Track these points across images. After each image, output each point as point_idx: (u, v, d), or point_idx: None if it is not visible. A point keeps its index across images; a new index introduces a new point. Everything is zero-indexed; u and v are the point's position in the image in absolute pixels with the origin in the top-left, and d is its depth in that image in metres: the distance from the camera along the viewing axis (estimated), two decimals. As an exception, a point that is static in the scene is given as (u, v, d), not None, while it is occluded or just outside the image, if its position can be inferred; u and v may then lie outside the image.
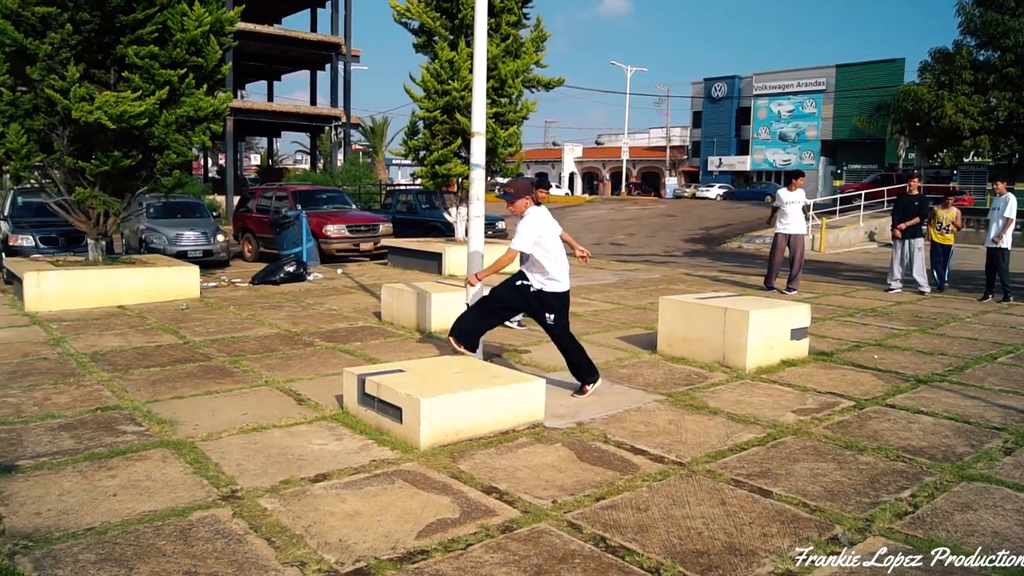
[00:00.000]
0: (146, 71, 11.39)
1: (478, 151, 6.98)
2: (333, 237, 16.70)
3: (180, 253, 15.32)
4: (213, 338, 9.10)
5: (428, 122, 15.05)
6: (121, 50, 11.42)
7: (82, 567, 3.78)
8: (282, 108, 38.32)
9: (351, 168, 34.90)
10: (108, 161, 11.45)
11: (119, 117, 10.90)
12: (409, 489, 4.72)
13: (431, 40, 15.61)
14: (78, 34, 11.11)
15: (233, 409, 6.32)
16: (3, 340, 9.12)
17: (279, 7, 41.36)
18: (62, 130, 11.59)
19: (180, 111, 11.72)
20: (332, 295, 12.48)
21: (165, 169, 12.15)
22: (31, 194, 15.36)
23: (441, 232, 17.83)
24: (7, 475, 4.95)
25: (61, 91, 11.01)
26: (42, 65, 11.12)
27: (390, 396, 5.59)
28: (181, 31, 11.62)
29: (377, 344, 8.76)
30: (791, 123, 59.58)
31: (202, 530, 4.17)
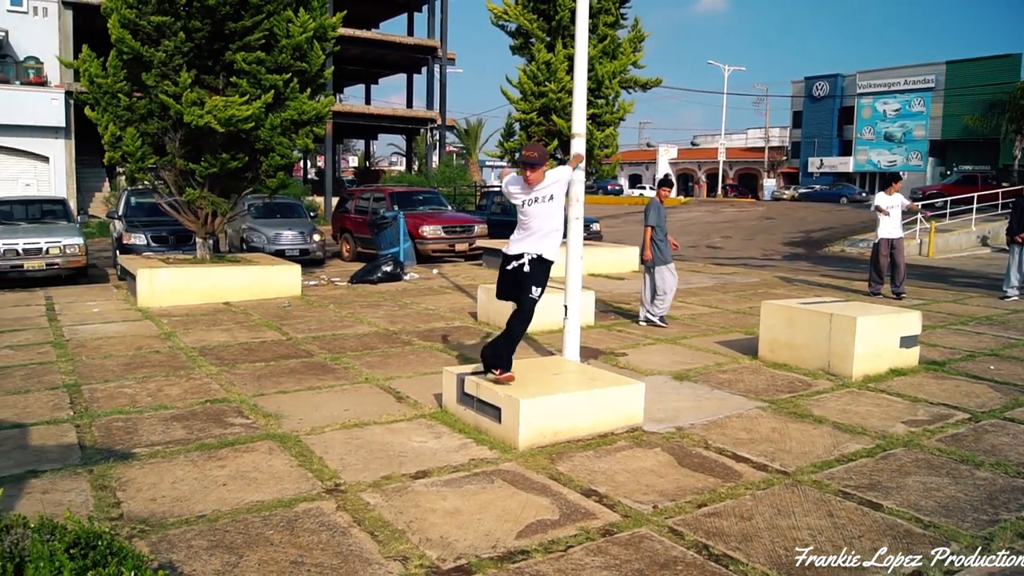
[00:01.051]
0: (253, 76, 11.77)
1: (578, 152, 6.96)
2: (429, 238, 16.93)
3: (278, 252, 15.80)
4: (315, 335, 9.34)
5: (524, 124, 15.10)
6: (230, 56, 11.84)
7: (195, 552, 3.93)
8: (379, 111, 39.12)
9: (446, 170, 35.35)
10: (216, 163, 11.89)
11: (227, 121, 11.30)
12: (508, 489, 4.74)
13: (528, 42, 15.65)
14: (190, 41, 11.58)
15: (335, 405, 6.47)
16: (118, 333, 9.57)
17: (377, 12, 42.19)
18: (174, 133, 12.09)
19: (285, 115, 12.08)
20: (428, 295, 12.66)
21: (270, 171, 12.54)
22: (143, 195, 16.08)
23: (535, 233, 17.86)
24: (124, 462, 5.19)
25: (174, 96, 11.49)
26: (156, 72, 11.63)
27: (489, 396, 5.63)
28: (286, 37, 11.97)
29: (473, 344, 8.83)
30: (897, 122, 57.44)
31: (308, 521, 4.29)
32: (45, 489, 4.71)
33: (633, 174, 77.97)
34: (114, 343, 8.98)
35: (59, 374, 7.56)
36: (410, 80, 43.97)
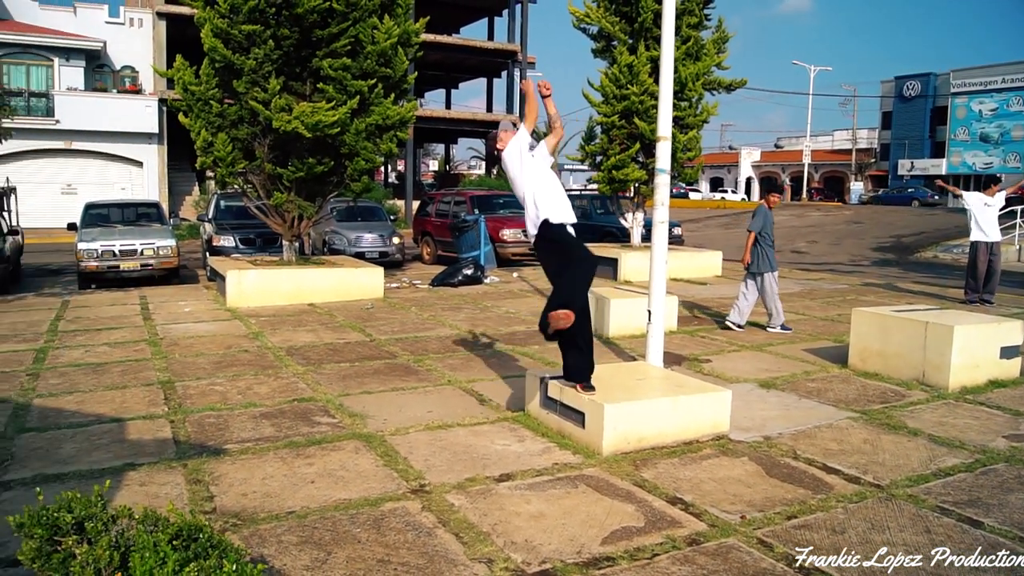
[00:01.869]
0: (339, 82, 12.00)
1: (664, 156, 6.87)
2: (509, 241, 16.98)
3: (358, 254, 16.07)
4: (397, 337, 9.46)
5: (606, 127, 15.03)
6: (317, 63, 12.10)
7: (285, 548, 4.00)
8: (459, 115, 39.46)
9: (525, 173, 35.37)
10: (303, 168, 12.16)
11: (314, 126, 11.55)
12: (592, 495, 4.70)
13: (610, 45, 15.58)
14: (279, 49, 11.87)
15: (418, 406, 6.53)
16: (209, 332, 9.86)
17: (458, 17, 42.58)
18: (263, 139, 12.42)
19: (369, 119, 12.28)
20: (509, 298, 12.69)
21: (354, 175, 12.77)
22: (232, 198, 16.57)
23: (616, 238, 17.73)
24: (217, 457, 5.33)
25: (263, 102, 11.80)
26: (247, 79, 11.96)
27: (573, 400, 5.60)
28: (372, 43, 12.17)
29: (554, 348, 8.75)
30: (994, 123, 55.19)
31: (394, 521, 4.33)
32: (142, 481, 4.87)
33: (714, 177, 76.74)
34: (205, 342, 9.25)
35: (154, 371, 7.83)
36: (490, 84, 44.24)
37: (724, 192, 67.92)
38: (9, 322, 10.76)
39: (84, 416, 6.32)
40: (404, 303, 12.21)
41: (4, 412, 6.43)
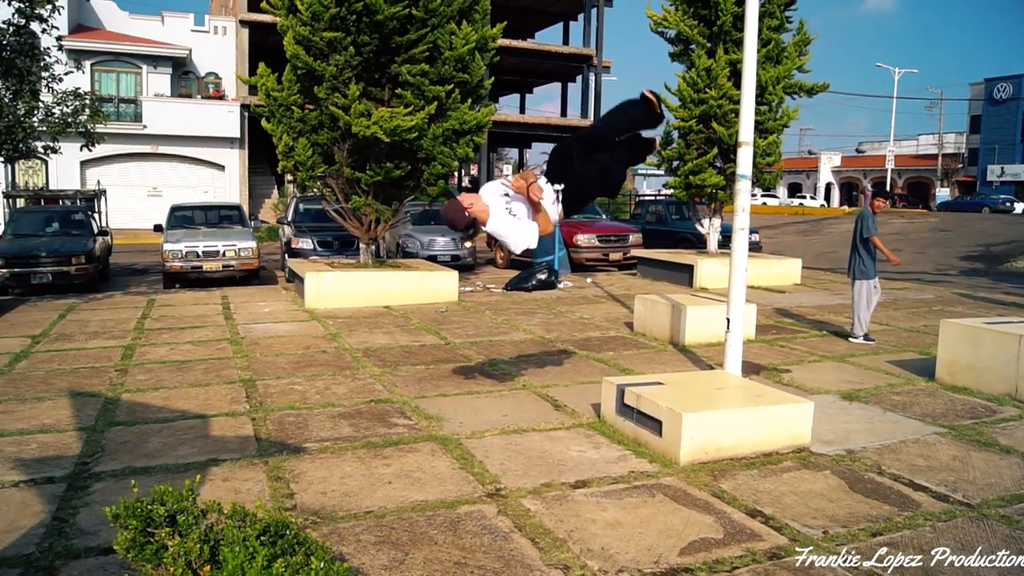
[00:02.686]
0: (417, 88, 12.14)
1: (745, 161, 6.75)
2: (583, 246, 16.93)
3: (430, 257, 16.23)
4: (472, 340, 9.50)
5: (683, 132, 14.86)
6: (395, 69, 12.26)
7: (363, 547, 4.05)
8: (533, 120, 39.52)
9: (599, 178, 35.25)
10: (381, 172, 12.33)
11: (392, 131, 11.70)
12: (670, 504, 4.64)
13: (687, 48, 15.40)
14: (359, 55, 12.07)
15: (493, 410, 6.54)
16: (288, 333, 10.07)
17: (533, 22, 42.68)
18: (342, 144, 12.63)
19: (447, 124, 12.39)
20: (583, 304, 12.64)
21: (431, 179, 12.90)
22: (310, 201, 16.91)
23: (692, 244, 17.53)
24: (296, 455, 5.43)
25: (343, 108, 12.01)
26: (327, 85, 12.19)
27: (650, 408, 5.53)
28: (450, 49, 12.28)
29: (630, 355, 8.73)
30: (1090, 128, 52.85)
31: (470, 524, 4.34)
32: (225, 477, 4.99)
33: (792, 183, 75.08)
34: (284, 342, 9.44)
35: (235, 369, 8.02)
36: (564, 89, 44.21)
37: (802, 198, 66.41)
38: (99, 319, 11.16)
39: (170, 412, 6.51)
40: (478, 307, 12.26)
41: (95, 406, 6.67)
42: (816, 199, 67.58)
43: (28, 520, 4.40)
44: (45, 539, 4.16)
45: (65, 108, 12.32)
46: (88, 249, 14.48)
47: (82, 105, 12.50)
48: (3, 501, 4.67)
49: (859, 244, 9.59)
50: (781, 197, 67.95)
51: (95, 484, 4.92)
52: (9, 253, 14.01)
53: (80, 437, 5.85)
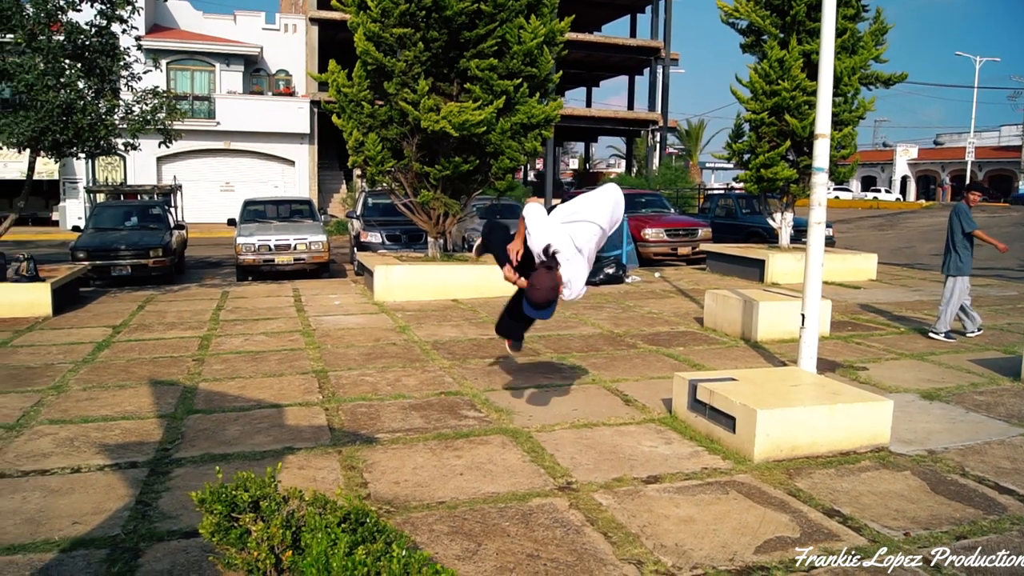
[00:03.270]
0: (485, 82, 12.16)
1: (821, 154, 6.58)
2: (651, 241, 16.77)
3: None
4: (540, 334, 9.48)
5: (754, 124, 14.57)
6: (464, 64, 12.29)
7: (436, 536, 4.07)
8: (600, 113, 39.32)
9: (666, 172, 34.89)
10: (449, 166, 12.39)
11: (461, 126, 11.74)
12: (744, 502, 4.56)
13: (759, 39, 15.10)
14: (428, 51, 12.13)
15: (563, 404, 6.52)
16: (358, 325, 10.19)
17: (600, 15, 42.42)
18: (411, 138, 12.73)
19: (515, 119, 12.39)
20: (651, 298, 12.51)
21: (499, 173, 12.91)
22: (379, 196, 17.09)
23: (762, 238, 17.20)
24: (369, 445, 5.49)
25: (412, 103, 12.09)
26: (397, 80, 12.29)
27: (723, 404, 5.45)
28: (518, 43, 12.26)
29: (701, 350, 8.61)
30: None
31: (541, 516, 4.33)
32: (300, 465, 5.07)
33: (866, 176, 73.06)
34: (355, 334, 9.57)
35: (308, 360, 8.15)
36: (632, 82, 43.87)
37: (877, 192, 64.62)
38: (176, 311, 11.47)
39: (245, 401, 6.65)
40: (545, 301, 12.21)
41: (174, 394, 6.85)
42: (891, 193, 65.70)
43: (113, 503, 4.54)
44: (130, 521, 4.29)
45: (144, 106, 12.65)
46: (165, 242, 14.90)
47: (160, 103, 12.82)
48: (90, 484, 4.83)
49: (956, 239, 9.26)
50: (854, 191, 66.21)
51: (176, 470, 5.05)
52: (91, 246, 14.49)
53: (161, 424, 6.02)
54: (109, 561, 3.85)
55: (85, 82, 11.88)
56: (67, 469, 5.09)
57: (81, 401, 6.69)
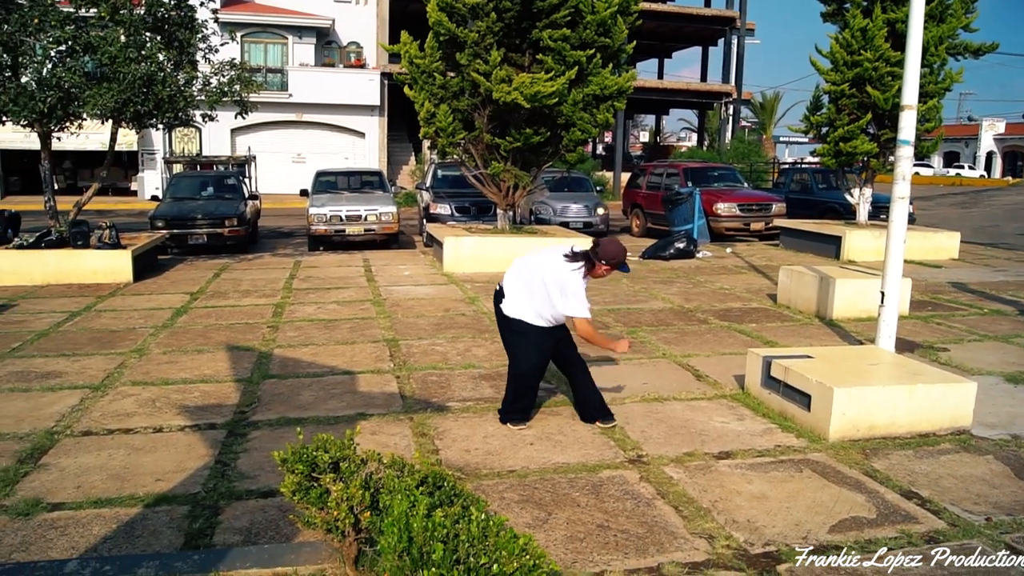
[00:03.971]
0: (558, 53, 12.04)
1: (908, 126, 6.35)
2: (723, 215, 16.48)
3: (563, 223, 16.15)
4: (609, 308, 9.43)
5: (834, 96, 14.14)
6: (536, 34, 12.19)
7: (507, 504, 4.10)
8: (672, 85, 38.65)
9: (739, 145, 34.21)
10: (520, 138, 12.33)
11: (533, 97, 11.66)
12: (818, 480, 4.48)
13: (841, 8, 14.61)
14: (500, 21, 12.05)
15: (633, 377, 6.48)
16: (427, 296, 10.28)
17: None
18: (483, 110, 12.70)
19: (587, 90, 12.26)
20: (723, 274, 12.33)
21: (570, 145, 12.82)
22: (448, 168, 17.14)
23: (838, 214, 16.75)
24: (440, 413, 5.55)
25: (484, 74, 12.05)
26: (469, 51, 12.26)
27: (798, 382, 5.35)
28: (591, 13, 12.10)
29: (774, 327, 8.46)
30: None
31: (612, 488, 4.32)
32: (373, 431, 5.15)
33: (949, 151, 70.24)
34: (424, 304, 9.65)
35: (379, 329, 8.26)
36: (705, 53, 42.97)
37: (960, 168, 62.23)
38: (250, 279, 11.73)
39: (319, 367, 6.78)
40: (615, 275, 12.13)
41: (250, 360, 7.02)
42: (975, 169, 63.23)
43: (194, 462, 4.68)
44: (209, 480, 4.42)
45: (222, 78, 12.88)
46: (240, 212, 15.20)
47: (237, 75, 13.04)
48: (171, 444, 4.99)
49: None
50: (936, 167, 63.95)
51: (253, 432, 5.18)
52: (169, 215, 14.87)
53: (237, 388, 6.17)
54: (191, 517, 3.98)
55: (165, 54, 12.13)
56: (149, 429, 5.27)
57: (162, 364, 6.91)
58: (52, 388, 6.19)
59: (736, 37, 36.09)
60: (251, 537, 3.75)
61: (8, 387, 6.22)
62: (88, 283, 11.14)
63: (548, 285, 5.04)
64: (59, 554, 3.62)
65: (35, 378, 6.48)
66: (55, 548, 3.69)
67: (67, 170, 30.86)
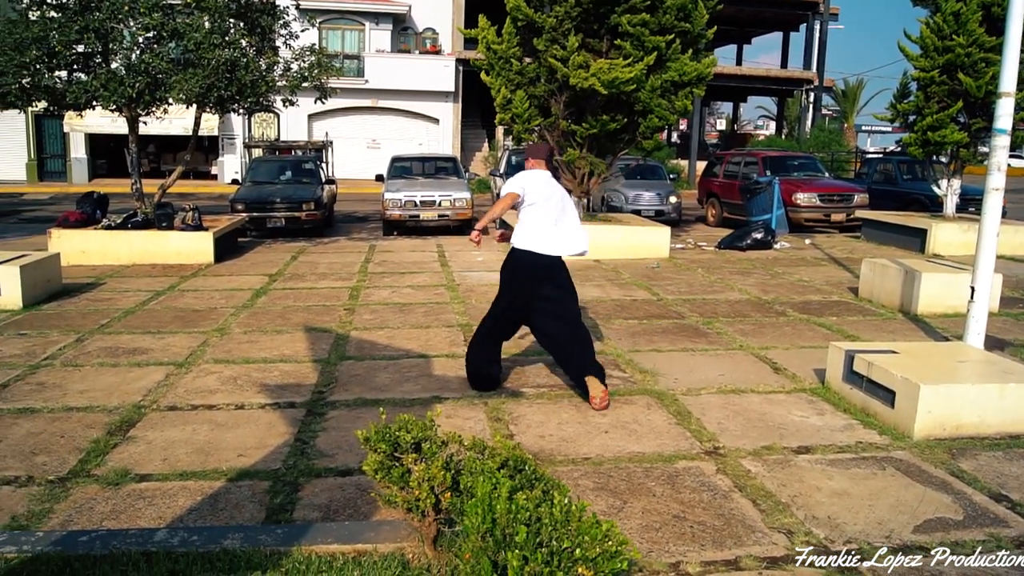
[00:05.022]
0: (636, 38, 11.91)
1: (1005, 114, 6.09)
2: (803, 206, 16.09)
3: (635, 211, 15.99)
4: (684, 298, 9.32)
5: (923, 83, 13.64)
6: (615, 19, 12.07)
7: (582, 492, 4.09)
8: (751, 71, 37.84)
9: (819, 134, 33.34)
10: (597, 125, 12.25)
11: (610, 83, 11.56)
12: (902, 479, 4.35)
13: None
14: (578, 6, 11.97)
15: (709, 368, 6.39)
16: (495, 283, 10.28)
17: (755, -31, 40.67)
18: (559, 96, 12.65)
19: (665, 76, 12.10)
20: (801, 265, 12.05)
21: (646, 132, 12.68)
22: (522, 154, 17.11)
23: (924, 206, 16.20)
24: (514, 399, 5.56)
25: (561, 60, 11.99)
26: (547, 37, 12.21)
27: (882, 377, 5.19)
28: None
29: (855, 321, 8.24)
30: None
31: (687, 479, 4.27)
32: (448, 414, 5.19)
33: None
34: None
35: (453, 314, 8.31)
36: (786, 38, 41.91)
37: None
38: (327, 262, 11.93)
39: (394, 350, 6.86)
40: (690, 264, 12.00)
41: (327, 341, 7.14)
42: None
43: (274, 439, 4.79)
44: (289, 457, 4.51)
45: (302, 63, 13.10)
46: (317, 196, 15.46)
47: (317, 60, 13.24)
48: (253, 421, 5.11)
49: None
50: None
51: (331, 412, 5.27)
52: (248, 199, 15.22)
53: (315, 368, 6.29)
54: (272, 492, 4.07)
55: (247, 40, 12.39)
56: (231, 405, 5.41)
57: (242, 343, 7.08)
58: (139, 364, 6.41)
59: (819, 22, 35.15)
60: (329, 514, 3.81)
61: (98, 362, 6.46)
62: (171, 263, 11.48)
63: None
64: (147, 523, 3.75)
65: (123, 354, 6.71)
66: (143, 517, 3.81)
67: (151, 154, 31.81)
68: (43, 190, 28.06)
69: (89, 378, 6.02)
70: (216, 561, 3.16)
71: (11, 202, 23.50)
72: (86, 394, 5.63)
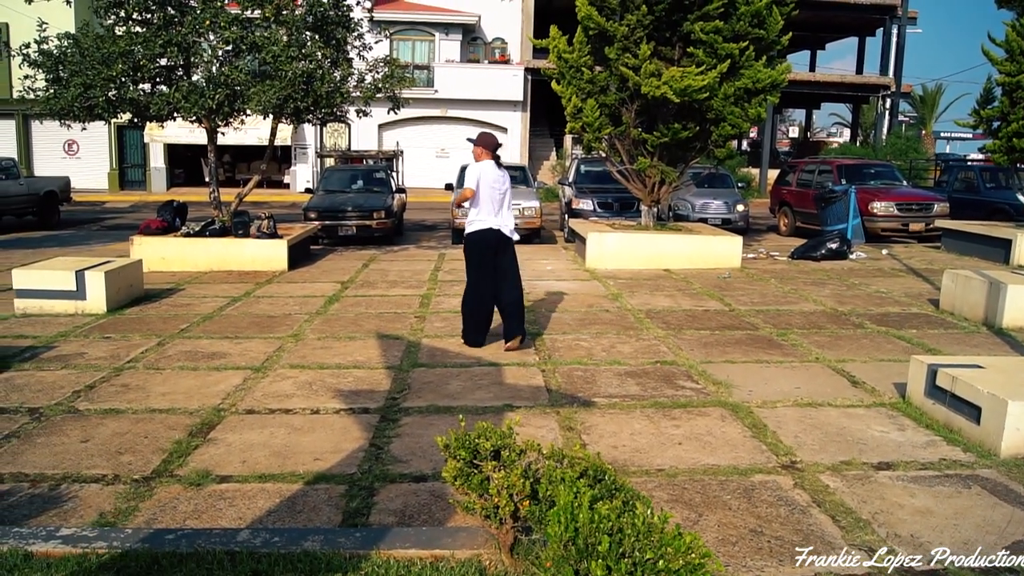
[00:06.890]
0: (709, 45, 11.79)
1: (1098, 119, 5.88)
2: (879, 215, 15.69)
3: (701, 220, 15.80)
4: (757, 308, 9.17)
5: (1008, 88, 13.20)
6: (687, 27, 11.98)
7: (656, 503, 4.05)
8: (825, 78, 37.07)
9: (896, 141, 32.49)
10: (668, 133, 12.16)
11: (683, 91, 11.47)
12: (988, 498, 4.21)
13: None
14: (651, 14, 11.92)
15: (784, 381, 6.28)
16: (571, 291, 10.30)
17: (828, -27, 39.87)
18: (630, 104, 12.60)
19: (739, 83, 11.95)
20: (879, 277, 11.75)
21: (719, 140, 12.54)
22: (591, 163, 17.11)
23: (1008, 216, 15.64)
24: (586, 408, 5.55)
25: (633, 68, 11.94)
26: (618, 45, 12.18)
27: (968, 393, 5.03)
28: (745, 4, 11.78)
29: (936, 334, 8.00)
30: None
31: (764, 493, 4.21)
32: (520, 423, 5.14)
33: None
34: (568, 299, 9.67)
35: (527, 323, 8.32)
36: (862, 43, 40.99)
37: None
38: (397, 270, 12.09)
39: (465, 358, 6.91)
40: (762, 274, 11.81)
41: (399, 348, 7.23)
42: None
43: (349, 444, 4.87)
44: (364, 462, 4.58)
45: (376, 75, 13.32)
46: (387, 205, 15.68)
47: (391, 71, 13.45)
48: (328, 425, 5.21)
49: None
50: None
51: (404, 418, 5.34)
52: (321, 207, 15.52)
53: (388, 375, 6.37)
54: (348, 496, 4.14)
55: (323, 52, 12.65)
56: (307, 410, 5.52)
57: (316, 349, 7.22)
58: (217, 368, 6.58)
59: (896, 26, 34.29)
60: (404, 519, 3.86)
61: (179, 365, 6.66)
62: (247, 270, 11.77)
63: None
64: (228, 523, 3.85)
65: (202, 358, 6.91)
66: (224, 517, 3.92)
67: (227, 163, 32.68)
68: (124, 199, 29.12)
69: (170, 381, 6.21)
70: (297, 563, 3.23)
71: (94, 210, 24.45)
72: (168, 396, 5.81)
